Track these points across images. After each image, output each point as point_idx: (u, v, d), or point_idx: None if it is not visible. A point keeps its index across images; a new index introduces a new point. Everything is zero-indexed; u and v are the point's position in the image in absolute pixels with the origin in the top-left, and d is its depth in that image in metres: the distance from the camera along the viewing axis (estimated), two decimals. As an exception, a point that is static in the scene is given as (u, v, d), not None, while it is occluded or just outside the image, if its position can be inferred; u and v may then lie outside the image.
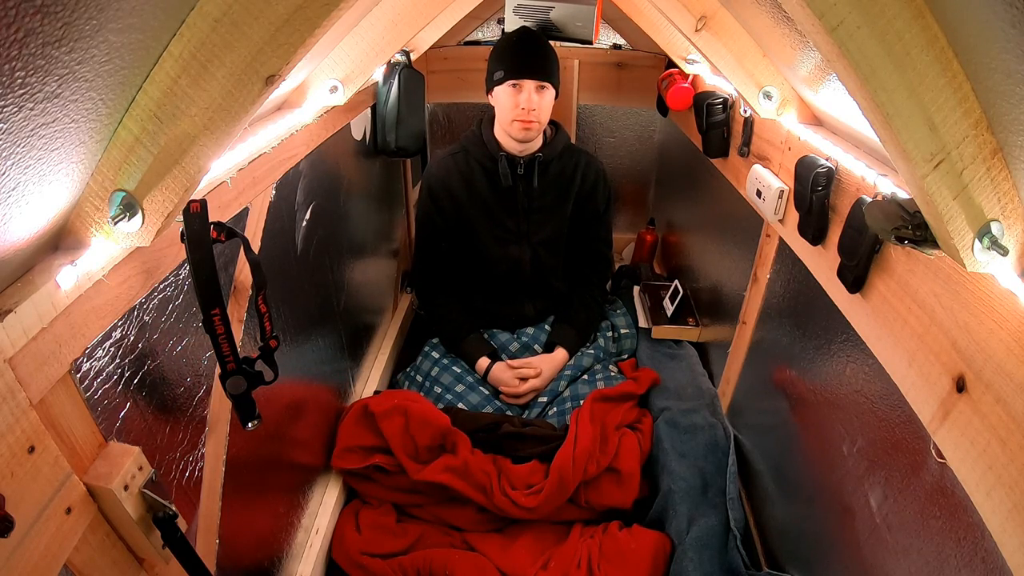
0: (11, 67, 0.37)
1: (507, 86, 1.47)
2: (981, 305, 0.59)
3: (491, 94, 1.54)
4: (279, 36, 0.50)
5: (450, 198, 1.61)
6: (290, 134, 1.03)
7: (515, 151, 1.56)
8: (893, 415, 0.78)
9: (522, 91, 1.46)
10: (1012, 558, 0.53)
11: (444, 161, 1.63)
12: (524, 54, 1.47)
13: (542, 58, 1.48)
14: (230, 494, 0.88)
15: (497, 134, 1.57)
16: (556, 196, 1.63)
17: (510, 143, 1.55)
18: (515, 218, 1.62)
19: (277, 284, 1.05)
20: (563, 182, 1.63)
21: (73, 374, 0.57)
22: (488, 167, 1.58)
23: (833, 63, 0.50)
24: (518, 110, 1.47)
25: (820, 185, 0.91)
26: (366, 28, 1.17)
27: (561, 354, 1.61)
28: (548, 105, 1.50)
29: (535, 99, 1.46)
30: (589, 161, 1.68)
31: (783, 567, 1.13)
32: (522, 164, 1.56)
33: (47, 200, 0.50)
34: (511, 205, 1.61)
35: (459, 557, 1.21)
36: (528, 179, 1.58)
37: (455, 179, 1.60)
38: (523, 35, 1.51)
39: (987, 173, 0.50)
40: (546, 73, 1.47)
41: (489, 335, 1.69)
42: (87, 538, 0.57)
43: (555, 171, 1.61)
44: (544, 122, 1.52)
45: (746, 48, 1.07)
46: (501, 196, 1.60)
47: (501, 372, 1.57)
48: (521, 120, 1.47)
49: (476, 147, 1.59)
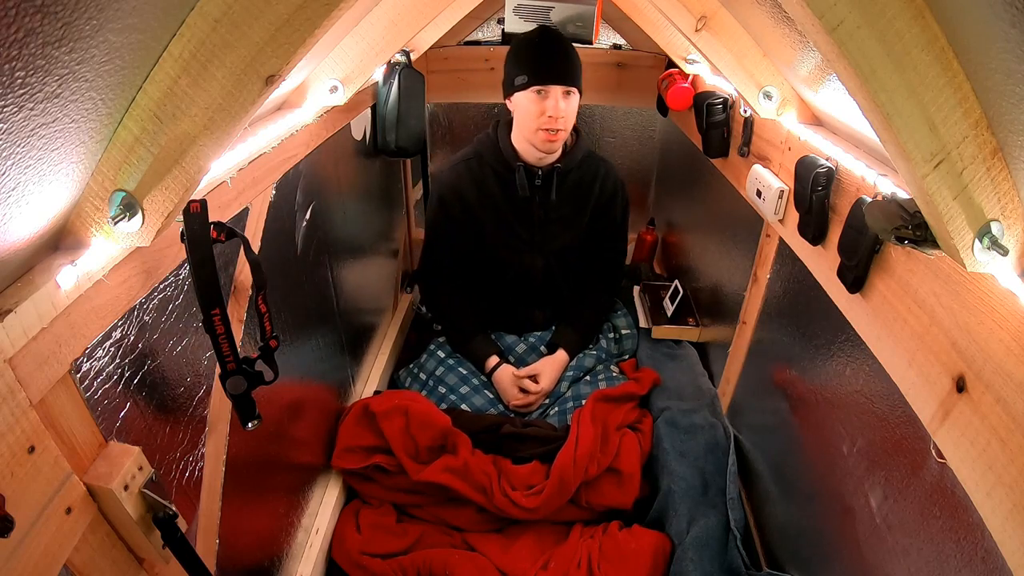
0: (11, 67, 0.37)
1: (531, 92, 1.38)
2: (981, 305, 0.59)
3: (510, 100, 1.46)
4: (279, 36, 0.50)
5: (461, 206, 1.55)
6: (290, 134, 1.03)
7: (533, 161, 1.49)
8: (893, 415, 0.78)
9: (548, 98, 1.37)
10: (1012, 558, 0.53)
11: (456, 168, 1.56)
12: (549, 57, 1.38)
13: (568, 61, 1.39)
14: (230, 494, 0.88)
15: (515, 141, 1.50)
16: (573, 207, 1.58)
17: (529, 152, 1.48)
18: (529, 228, 1.57)
19: (277, 284, 1.05)
20: (581, 193, 1.58)
21: (73, 374, 0.57)
22: (503, 175, 1.52)
23: (833, 63, 0.50)
24: (544, 118, 1.38)
25: (820, 185, 0.91)
26: (366, 28, 1.17)
27: (561, 356, 1.59)
28: (574, 112, 1.42)
29: (562, 106, 1.37)
30: (608, 171, 1.61)
31: (783, 567, 1.13)
32: (540, 175, 1.50)
33: (47, 200, 0.50)
34: (526, 215, 1.56)
35: (459, 557, 1.21)
36: (546, 190, 1.52)
37: (467, 186, 1.54)
38: (546, 35, 1.41)
39: (987, 173, 0.50)
40: (573, 77, 1.39)
41: (496, 336, 1.67)
42: (87, 538, 0.57)
43: (573, 181, 1.55)
44: (569, 130, 1.44)
45: (746, 48, 1.07)
46: (516, 206, 1.54)
47: (504, 378, 1.54)
48: (547, 129, 1.39)
49: (491, 153, 1.53)
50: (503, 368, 1.55)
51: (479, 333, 1.62)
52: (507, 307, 1.68)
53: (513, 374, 1.54)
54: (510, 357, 1.63)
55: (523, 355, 1.64)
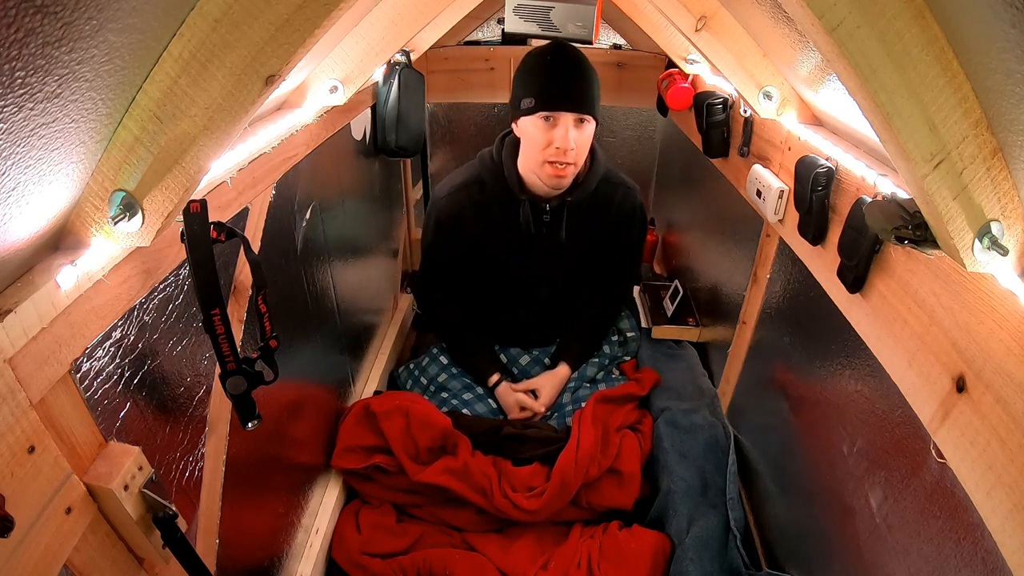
0: (11, 67, 0.37)
1: (538, 118, 1.22)
2: (981, 305, 0.59)
3: (516, 123, 1.30)
4: (279, 36, 0.50)
5: (461, 234, 1.43)
6: (290, 134, 1.03)
7: (541, 193, 1.35)
8: (893, 415, 0.78)
9: (557, 126, 1.21)
10: (1012, 558, 0.53)
11: (456, 194, 1.42)
12: (560, 79, 1.22)
13: (583, 84, 1.22)
14: (230, 494, 0.88)
15: (522, 170, 1.35)
16: (584, 240, 1.46)
17: (536, 184, 1.33)
18: (535, 261, 1.47)
19: (277, 284, 1.05)
20: (594, 221, 1.44)
21: (73, 374, 0.57)
22: (508, 205, 1.38)
23: (833, 63, 0.50)
24: (551, 150, 1.22)
25: (820, 185, 0.91)
26: (366, 28, 1.17)
27: (563, 371, 1.54)
28: (587, 142, 1.26)
29: (573, 136, 1.21)
30: (626, 195, 1.46)
31: (783, 567, 1.13)
32: (548, 210, 1.36)
33: (47, 200, 0.50)
34: (532, 249, 1.44)
35: (459, 557, 1.21)
36: (554, 226, 1.38)
37: (468, 214, 1.42)
38: (558, 54, 1.24)
39: (987, 173, 0.50)
40: (588, 104, 1.22)
41: (499, 348, 1.63)
42: (87, 538, 0.57)
43: (586, 210, 1.40)
44: (581, 163, 1.29)
45: (746, 48, 1.07)
46: (521, 239, 1.41)
47: (505, 395, 1.50)
48: (554, 162, 1.24)
49: (494, 180, 1.38)
50: (503, 386, 1.52)
51: (481, 347, 1.58)
52: (510, 326, 1.63)
53: (512, 390, 1.51)
54: (513, 369, 1.60)
55: (527, 367, 1.61)
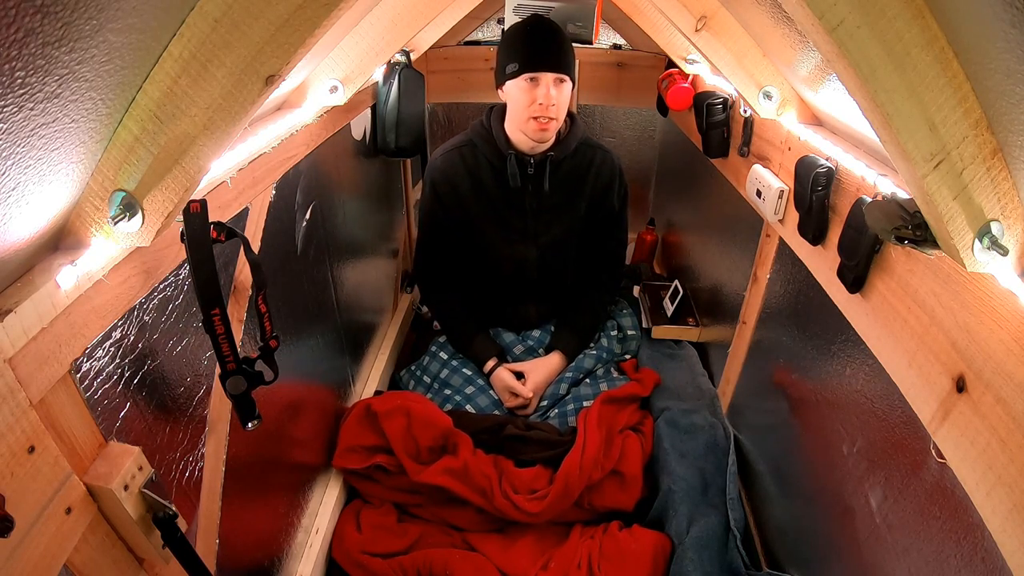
0: (11, 67, 0.37)
1: (522, 80, 1.36)
2: (981, 305, 0.59)
3: (502, 89, 1.44)
4: (279, 36, 0.50)
5: (454, 195, 1.54)
6: (290, 134, 1.03)
7: (526, 149, 1.47)
8: (893, 415, 0.78)
9: (539, 85, 1.35)
10: (1012, 558, 0.53)
11: (449, 155, 1.54)
12: (541, 44, 1.37)
13: (560, 48, 1.37)
14: (230, 494, 0.88)
15: (508, 130, 1.48)
16: (567, 195, 1.55)
17: (522, 140, 1.46)
18: (522, 218, 1.55)
19: (277, 284, 1.05)
20: (576, 181, 1.55)
21: (73, 374, 0.57)
22: (496, 164, 1.50)
23: (833, 63, 0.50)
24: (535, 106, 1.36)
25: (820, 185, 0.91)
26: (366, 28, 1.18)
27: (556, 358, 1.57)
28: (566, 100, 1.40)
29: (554, 94, 1.36)
30: (605, 157, 1.58)
31: (783, 567, 1.13)
32: (532, 164, 1.48)
33: (47, 200, 0.51)
34: (519, 205, 1.54)
35: (459, 557, 1.21)
36: (538, 179, 1.50)
37: (460, 175, 1.53)
38: (537, 24, 1.40)
39: (987, 173, 0.50)
40: (565, 65, 1.37)
41: (495, 333, 1.66)
42: (87, 538, 0.57)
43: (567, 169, 1.53)
44: (562, 119, 1.43)
45: (746, 48, 1.07)
46: (509, 195, 1.52)
47: (497, 380, 1.54)
48: (538, 117, 1.38)
49: (484, 142, 1.51)
50: (499, 370, 1.55)
51: (479, 333, 1.62)
52: (502, 302, 1.67)
53: (506, 367, 1.55)
54: (508, 357, 1.63)
55: (521, 356, 1.63)
